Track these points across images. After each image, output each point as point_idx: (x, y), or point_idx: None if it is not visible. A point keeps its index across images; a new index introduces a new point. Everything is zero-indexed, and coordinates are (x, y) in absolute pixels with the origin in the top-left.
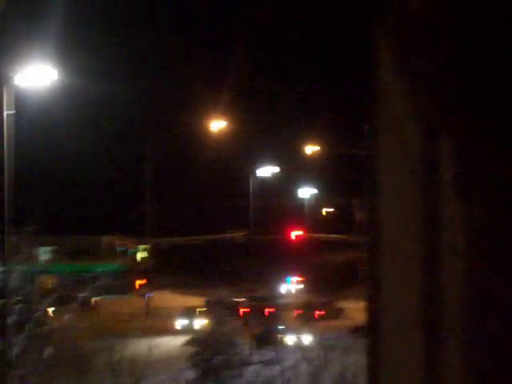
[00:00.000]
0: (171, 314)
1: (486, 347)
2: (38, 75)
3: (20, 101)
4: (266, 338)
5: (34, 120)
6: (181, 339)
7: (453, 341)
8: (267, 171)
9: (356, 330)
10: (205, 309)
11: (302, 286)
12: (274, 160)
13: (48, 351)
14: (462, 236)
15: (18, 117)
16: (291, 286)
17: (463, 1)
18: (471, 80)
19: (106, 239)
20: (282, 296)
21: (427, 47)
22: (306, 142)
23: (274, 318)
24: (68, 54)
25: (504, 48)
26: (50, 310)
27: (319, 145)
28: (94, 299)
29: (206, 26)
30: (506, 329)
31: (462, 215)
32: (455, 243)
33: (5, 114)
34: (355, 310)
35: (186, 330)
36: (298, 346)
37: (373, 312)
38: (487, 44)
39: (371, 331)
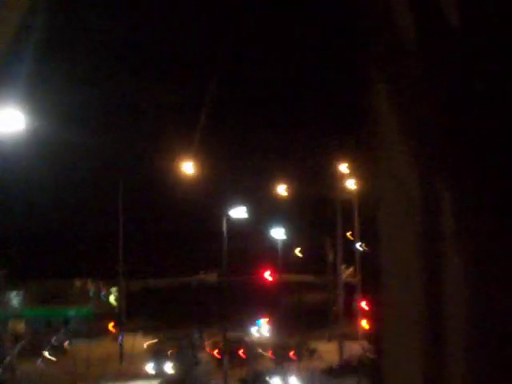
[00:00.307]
0: (144, 358)
1: (490, 352)
2: (6, 121)
3: None
4: (254, 381)
5: (2, 166)
6: (154, 383)
7: (457, 351)
8: (239, 212)
9: (329, 371)
10: (176, 350)
11: (272, 327)
12: (245, 201)
13: None
14: (463, 282)
15: None
16: (262, 327)
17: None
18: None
19: (77, 282)
20: (255, 337)
21: (423, 82)
22: (277, 183)
23: (254, 360)
24: (38, 99)
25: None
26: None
27: (290, 186)
28: (66, 344)
29: (177, 69)
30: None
31: (464, 262)
32: (458, 289)
33: None
34: (327, 351)
35: (159, 374)
36: None
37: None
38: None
39: (377, 349)
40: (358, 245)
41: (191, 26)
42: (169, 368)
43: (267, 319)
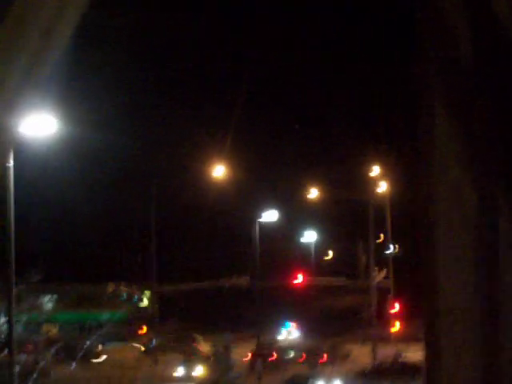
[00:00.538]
0: (177, 362)
1: None
2: (39, 125)
3: (21, 151)
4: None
5: (35, 170)
6: None
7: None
8: (271, 216)
9: (363, 374)
10: (210, 355)
11: (303, 331)
12: (277, 205)
13: None
14: None
15: (19, 167)
16: (293, 331)
17: None
18: None
19: (110, 286)
20: (287, 341)
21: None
22: (308, 187)
23: (287, 363)
24: (69, 103)
25: None
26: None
27: (322, 189)
28: (99, 347)
29: (208, 73)
30: None
31: None
32: None
33: (11, 165)
34: (360, 354)
35: (186, 378)
36: None
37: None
38: None
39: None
40: (390, 248)
41: (223, 29)
42: (199, 372)
43: (296, 323)
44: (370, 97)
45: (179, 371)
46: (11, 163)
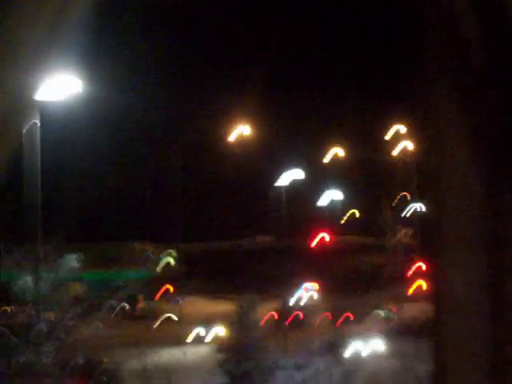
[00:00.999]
0: (202, 320)
1: None
2: (63, 86)
3: (45, 112)
4: (336, 345)
5: (59, 131)
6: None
7: None
8: (296, 174)
9: (388, 333)
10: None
11: (327, 291)
12: (302, 164)
13: (78, 359)
14: None
15: (43, 128)
16: (312, 291)
17: None
18: None
19: (135, 245)
20: (310, 301)
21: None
22: (331, 146)
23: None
24: (93, 64)
25: None
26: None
27: (347, 147)
28: (126, 306)
29: (229, 33)
30: None
31: None
32: None
33: (38, 122)
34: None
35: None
36: (329, 350)
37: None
38: None
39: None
40: (416, 206)
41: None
42: (220, 332)
43: (318, 284)
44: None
45: (199, 331)
46: (38, 121)
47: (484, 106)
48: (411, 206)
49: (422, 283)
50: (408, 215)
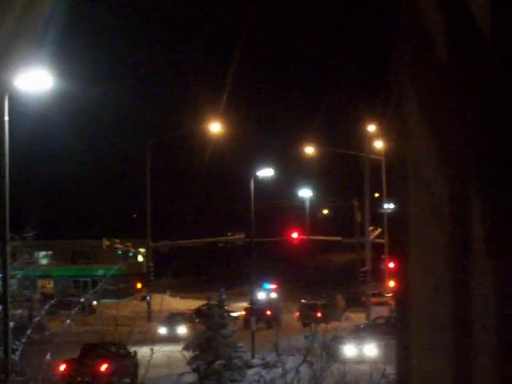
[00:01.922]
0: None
1: None
2: (35, 81)
3: (17, 106)
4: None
5: (32, 125)
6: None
7: (484, 339)
8: (266, 173)
9: (357, 331)
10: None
11: (298, 288)
12: (273, 162)
13: (48, 356)
14: (491, 297)
15: (15, 122)
16: (271, 292)
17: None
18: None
19: (105, 242)
20: (280, 298)
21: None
22: (304, 144)
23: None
24: (65, 59)
25: None
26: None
27: (318, 146)
28: (94, 303)
29: (205, 28)
30: None
31: (493, 275)
32: (486, 303)
33: (6, 118)
34: (354, 311)
35: (171, 336)
36: (299, 349)
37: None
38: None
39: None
40: (385, 206)
41: None
42: (182, 331)
43: (275, 284)
44: (368, 54)
45: (162, 330)
46: (7, 118)
47: (451, 104)
48: (382, 205)
49: (392, 282)
50: (378, 214)
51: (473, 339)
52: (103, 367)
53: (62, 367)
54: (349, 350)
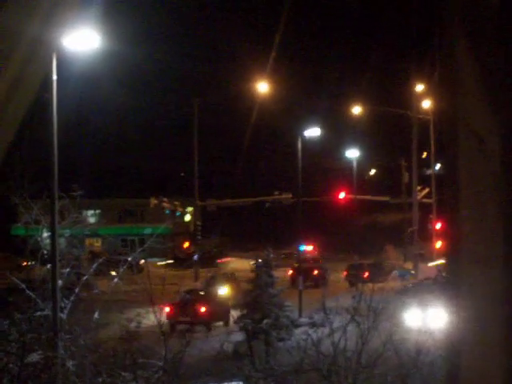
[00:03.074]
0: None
1: None
2: (83, 40)
3: (64, 65)
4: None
5: (79, 85)
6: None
7: None
8: (313, 132)
9: (404, 291)
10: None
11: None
12: (320, 121)
13: (96, 315)
14: None
15: (63, 82)
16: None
17: None
18: None
19: (153, 201)
20: (328, 257)
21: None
22: (351, 103)
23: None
24: (113, 18)
25: None
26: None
27: (365, 105)
28: (142, 262)
29: None
30: None
31: None
32: None
33: (54, 77)
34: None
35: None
36: (346, 308)
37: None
38: None
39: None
40: (434, 166)
41: None
42: (223, 292)
43: (313, 245)
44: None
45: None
46: (55, 77)
47: (505, 54)
48: (429, 165)
49: (440, 242)
50: (426, 174)
51: None
52: (202, 309)
53: (167, 309)
54: (412, 317)
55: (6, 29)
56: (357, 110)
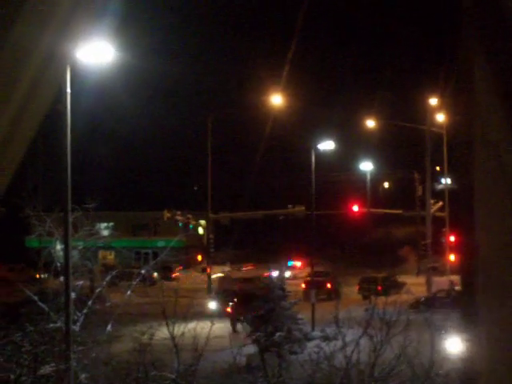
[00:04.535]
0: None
1: None
2: (97, 53)
3: (78, 78)
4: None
5: (92, 98)
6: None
7: None
8: (328, 145)
9: (417, 305)
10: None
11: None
12: (334, 134)
13: (109, 327)
14: None
15: (76, 94)
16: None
17: None
18: None
19: (166, 214)
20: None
21: None
22: (365, 116)
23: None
24: (127, 31)
25: None
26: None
27: (379, 119)
28: (155, 274)
29: (264, 4)
30: None
31: None
32: None
33: (68, 90)
34: (416, 284)
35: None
36: (358, 322)
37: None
38: None
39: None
40: (447, 179)
41: None
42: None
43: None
44: (431, 24)
45: (211, 305)
46: (68, 90)
47: None
48: (442, 179)
49: (453, 256)
50: (439, 188)
51: None
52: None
53: (229, 309)
54: (453, 343)
55: (20, 41)
56: (370, 123)
